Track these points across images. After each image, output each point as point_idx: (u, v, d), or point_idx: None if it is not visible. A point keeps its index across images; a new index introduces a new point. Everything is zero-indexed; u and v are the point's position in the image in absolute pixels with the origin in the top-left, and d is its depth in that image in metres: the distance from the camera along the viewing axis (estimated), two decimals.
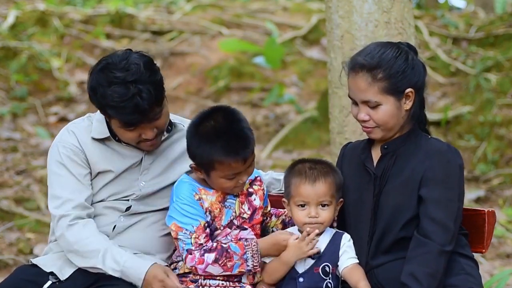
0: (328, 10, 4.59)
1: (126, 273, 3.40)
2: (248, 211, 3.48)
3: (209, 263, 3.34)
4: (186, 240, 3.38)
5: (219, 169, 3.33)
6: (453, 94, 9.14)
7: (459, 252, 3.38)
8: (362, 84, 3.34)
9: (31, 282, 3.49)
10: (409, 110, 3.39)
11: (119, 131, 3.47)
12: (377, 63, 3.33)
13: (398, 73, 3.33)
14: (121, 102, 3.33)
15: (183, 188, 3.43)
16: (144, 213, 3.57)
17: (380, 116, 3.35)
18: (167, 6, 12.32)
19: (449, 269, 3.32)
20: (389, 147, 3.42)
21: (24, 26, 10.88)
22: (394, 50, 3.37)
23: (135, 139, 3.47)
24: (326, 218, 3.40)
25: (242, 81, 10.25)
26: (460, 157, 3.39)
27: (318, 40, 10.98)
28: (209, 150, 3.31)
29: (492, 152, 8.18)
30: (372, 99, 3.34)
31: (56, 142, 3.56)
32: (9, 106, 9.40)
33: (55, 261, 3.55)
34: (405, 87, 3.35)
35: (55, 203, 3.50)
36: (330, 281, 3.42)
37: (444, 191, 3.31)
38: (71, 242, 3.45)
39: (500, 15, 10.65)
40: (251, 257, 3.36)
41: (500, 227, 6.92)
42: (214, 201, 3.42)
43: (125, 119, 3.38)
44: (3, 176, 7.91)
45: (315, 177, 3.40)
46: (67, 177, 3.50)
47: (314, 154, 8.46)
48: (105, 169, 3.53)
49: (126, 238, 3.53)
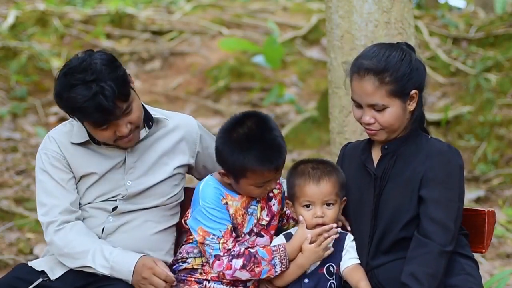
0: (328, 10, 4.58)
1: (115, 268, 3.40)
2: (267, 218, 3.47)
3: (237, 268, 3.32)
4: (214, 246, 3.33)
5: (250, 177, 3.30)
6: (453, 94, 9.14)
7: (459, 252, 3.37)
8: (369, 88, 3.33)
9: (23, 280, 3.51)
10: (413, 111, 3.40)
11: (94, 132, 3.44)
12: (384, 67, 3.32)
13: (404, 75, 3.33)
14: (84, 102, 3.29)
15: (209, 192, 3.39)
16: (133, 212, 3.56)
17: (386, 119, 3.35)
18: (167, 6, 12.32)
19: (449, 269, 3.32)
20: (389, 148, 3.42)
21: (24, 26, 10.88)
22: (399, 52, 3.37)
23: (111, 137, 3.43)
24: (331, 216, 3.40)
25: (242, 81, 10.25)
26: (460, 157, 3.38)
27: (318, 40, 10.98)
28: (243, 158, 3.26)
29: (492, 152, 8.17)
30: (379, 103, 3.33)
31: (39, 150, 3.59)
32: (9, 106, 9.40)
33: (49, 261, 3.57)
34: (410, 89, 3.36)
35: (42, 210, 3.54)
36: (333, 281, 3.43)
37: (445, 192, 3.31)
38: (60, 246, 3.47)
39: (500, 15, 10.65)
40: (279, 263, 3.34)
41: (500, 227, 6.92)
42: (239, 207, 3.39)
43: (92, 119, 3.35)
44: (3, 176, 7.91)
45: (319, 177, 3.41)
46: (51, 184, 3.52)
47: (314, 154, 8.46)
48: (87, 172, 3.52)
49: (118, 238, 3.53)
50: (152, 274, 3.38)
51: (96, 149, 3.55)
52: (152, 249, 3.56)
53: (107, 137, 3.44)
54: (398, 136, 3.42)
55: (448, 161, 3.34)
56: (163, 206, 3.60)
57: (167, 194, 3.60)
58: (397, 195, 3.36)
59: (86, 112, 3.32)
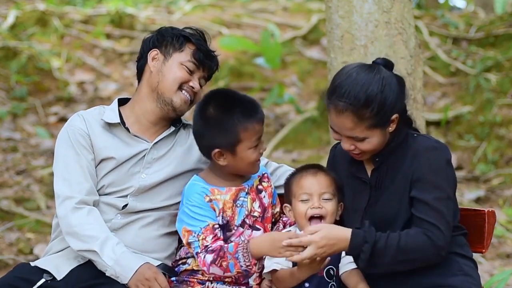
0: (328, 10, 4.58)
1: (121, 262, 3.40)
2: (259, 209, 3.48)
3: (208, 263, 3.33)
4: (195, 244, 3.36)
5: (245, 137, 3.34)
6: (453, 94, 9.14)
7: (458, 252, 3.35)
8: (348, 124, 3.24)
9: (25, 280, 3.49)
10: (394, 130, 3.33)
11: (178, 68, 3.59)
12: (363, 104, 3.20)
13: (384, 106, 3.23)
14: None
15: (193, 190, 3.42)
16: (141, 212, 3.57)
17: (366, 147, 3.30)
18: (167, 6, 12.32)
19: (447, 270, 3.30)
20: (380, 159, 3.37)
21: (24, 26, 10.87)
22: (377, 81, 3.22)
23: (185, 78, 3.58)
24: (329, 209, 3.37)
25: (242, 81, 10.25)
26: (447, 151, 3.33)
27: (318, 40, 10.98)
28: (232, 120, 3.34)
29: (492, 152, 8.17)
30: (359, 136, 3.27)
31: (65, 126, 3.62)
32: (9, 106, 9.40)
33: (53, 260, 3.56)
34: (390, 116, 3.28)
35: (61, 184, 3.53)
36: (334, 283, 3.43)
37: (433, 191, 3.25)
38: (73, 224, 3.46)
39: (500, 15, 10.64)
40: (242, 256, 3.30)
41: (500, 227, 6.92)
42: (227, 199, 3.41)
43: (196, 54, 3.60)
44: (3, 176, 7.91)
45: (316, 171, 3.42)
46: (75, 160, 3.54)
47: (314, 154, 8.46)
48: (108, 156, 3.56)
49: (122, 236, 3.53)
50: (154, 278, 3.38)
51: (122, 135, 3.60)
52: (155, 251, 3.57)
53: (181, 77, 3.58)
54: (386, 146, 3.36)
55: (434, 158, 3.28)
56: (172, 207, 3.61)
57: (176, 196, 3.61)
58: (390, 202, 3.33)
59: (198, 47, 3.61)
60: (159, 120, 3.64)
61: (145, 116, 3.64)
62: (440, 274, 3.29)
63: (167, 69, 3.60)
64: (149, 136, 3.64)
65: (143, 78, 3.67)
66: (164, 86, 3.59)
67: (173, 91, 3.59)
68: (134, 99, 3.69)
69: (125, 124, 3.61)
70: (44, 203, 7.25)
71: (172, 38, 3.64)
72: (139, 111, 3.64)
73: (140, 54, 3.72)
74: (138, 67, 3.72)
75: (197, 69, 3.62)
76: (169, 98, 3.58)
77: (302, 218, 3.39)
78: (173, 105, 3.59)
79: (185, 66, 3.60)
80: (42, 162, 8.17)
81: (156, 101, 3.61)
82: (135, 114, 3.64)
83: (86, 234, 3.44)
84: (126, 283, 3.40)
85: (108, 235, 3.45)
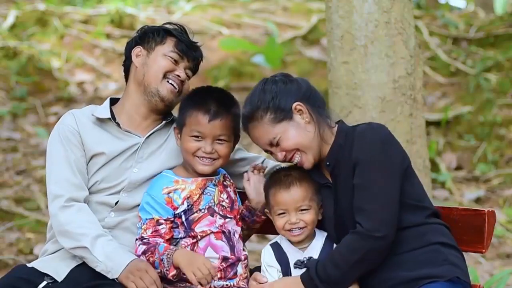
0: (328, 10, 4.59)
1: (111, 257, 3.41)
2: (227, 200, 3.56)
3: (139, 253, 3.44)
4: (139, 230, 3.50)
5: (187, 123, 3.48)
6: (453, 94, 9.14)
7: (442, 241, 3.32)
8: (257, 133, 3.39)
9: (27, 281, 3.49)
10: (312, 121, 3.36)
11: (162, 58, 3.65)
12: (253, 108, 3.38)
13: (272, 99, 3.35)
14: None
15: (155, 181, 3.54)
16: (134, 209, 3.58)
17: (289, 144, 3.34)
18: (167, 6, 12.32)
19: (431, 260, 3.27)
20: (330, 162, 3.39)
21: (24, 26, 10.88)
22: (260, 83, 3.43)
23: (169, 67, 3.62)
24: (308, 220, 3.38)
25: (242, 81, 10.25)
26: (382, 130, 3.31)
27: (318, 40, 10.98)
28: (186, 103, 3.53)
29: (492, 152, 8.18)
30: (271, 138, 3.35)
31: (56, 125, 3.66)
32: (9, 106, 9.40)
33: (51, 262, 3.57)
34: (289, 105, 3.35)
35: (50, 182, 3.56)
36: None
37: (368, 174, 3.24)
38: (63, 223, 3.48)
39: (500, 15, 10.65)
40: (166, 260, 3.39)
41: (500, 227, 6.93)
42: (193, 189, 3.50)
43: (178, 45, 3.67)
44: (3, 176, 7.91)
45: (289, 183, 3.38)
46: (64, 156, 3.57)
47: None
48: (98, 151, 3.58)
49: (116, 234, 3.55)
50: (145, 270, 3.39)
51: (113, 131, 3.64)
52: None
53: (166, 66, 3.63)
54: (329, 148, 3.38)
55: (367, 140, 3.27)
56: None
57: None
58: (350, 199, 3.31)
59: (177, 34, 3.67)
60: (149, 113, 3.68)
61: (135, 111, 3.68)
62: (425, 265, 3.26)
63: (152, 61, 3.66)
64: (141, 131, 3.67)
65: (130, 76, 3.74)
66: (149, 76, 3.64)
67: (159, 80, 3.63)
68: (124, 97, 3.74)
69: (116, 120, 3.65)
70: (44, 203, 7.25)
71: (153, 33, 3.70)
72: (129, 107, 3.69)
73: (125, 56, 3.77)
74: (125, 68, 3.77)
75: (181, 59, 3.68)
76: (155, 88, 3.63)
77: (281, 230, 3.42)
78: (159, 95, 3.63)
79: (169, 56, 3.66)
80: (42, 162, 8.17)
81: (143, 94, 3.66)
82: (126, 111, 3.69)
83: (76, 232, 3.45)
84: (117, 277, 3.40)
85: (100, 232, 3.47)
